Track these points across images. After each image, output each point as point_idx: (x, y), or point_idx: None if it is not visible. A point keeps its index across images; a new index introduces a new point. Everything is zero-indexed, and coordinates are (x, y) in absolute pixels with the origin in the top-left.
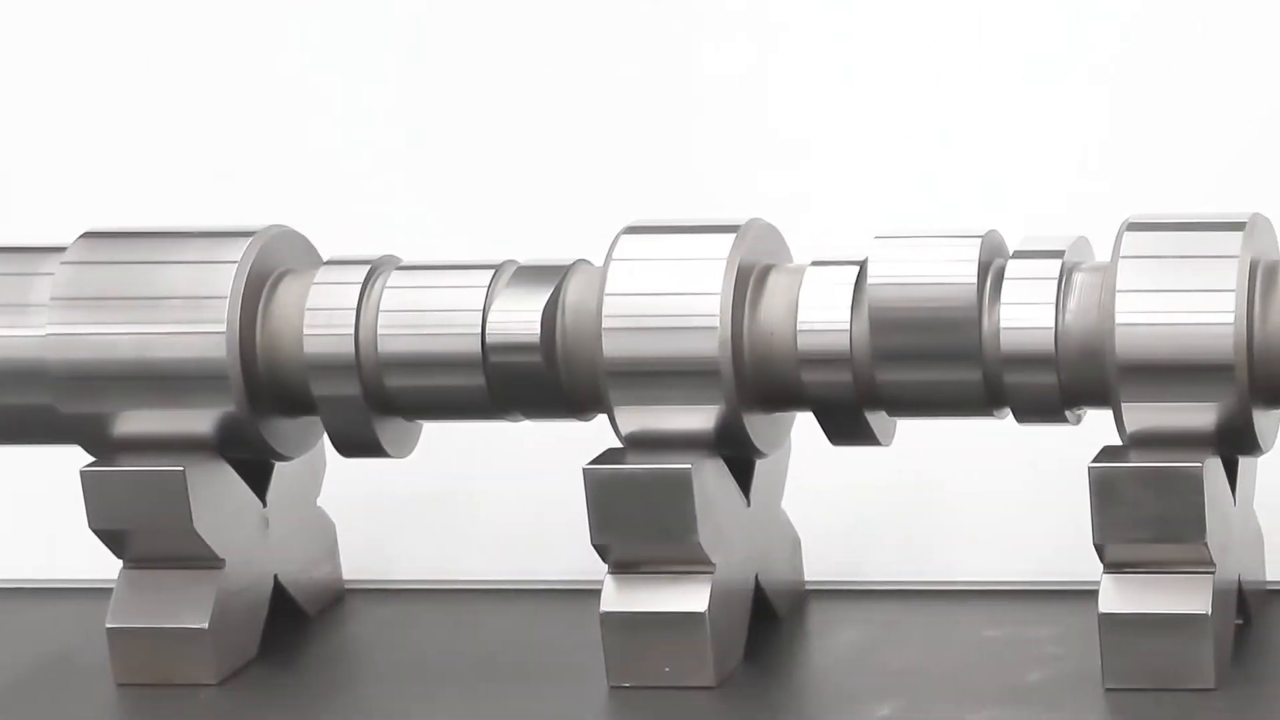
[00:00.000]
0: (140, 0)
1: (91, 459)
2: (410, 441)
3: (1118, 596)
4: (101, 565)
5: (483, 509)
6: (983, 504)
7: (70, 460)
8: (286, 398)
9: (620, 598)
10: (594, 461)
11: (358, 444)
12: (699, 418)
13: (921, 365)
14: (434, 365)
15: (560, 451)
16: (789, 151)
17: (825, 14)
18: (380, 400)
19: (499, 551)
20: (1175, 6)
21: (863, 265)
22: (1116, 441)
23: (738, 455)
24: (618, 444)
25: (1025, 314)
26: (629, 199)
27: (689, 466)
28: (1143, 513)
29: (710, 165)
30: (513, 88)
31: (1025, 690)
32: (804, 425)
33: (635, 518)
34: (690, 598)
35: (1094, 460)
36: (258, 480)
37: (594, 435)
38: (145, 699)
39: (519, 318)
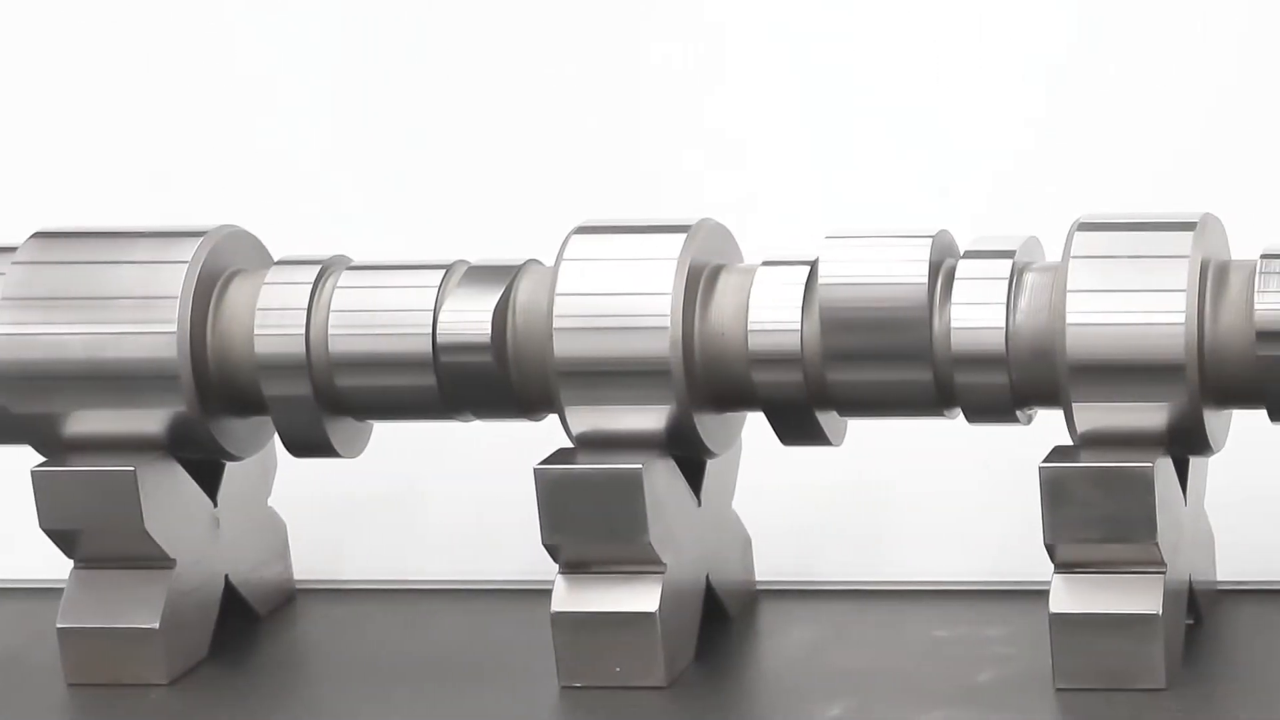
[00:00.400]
0: (89, 1)
1: (42, 459)
2: (361, 441)
3: (1068, 596)
4: (52, 565)
5: (433, 509)
6: (933, 504)
7: (21, 460)
8: (237, 398)
9: (571, 598)
10: (545, 461)
11: (308, 444)
12: (650, 418)
13: (872, 365)
14: (385, 365)
15: (511, 451)
16: (739, 151)
17: (774, 13)
18: (331, 400)
19: (450, 551)
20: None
21: (813, 265)
22: (1068, 441)
23: (689, 455)
24: (569, 444)
25: (976, 314)
26: (580, 199)
27: (640, 466)
28: (1094, 513)
29: (661, 165)
30: (462, 88)
31: (976, 690)
32: (755, 425)
33: (586, 518)
34: (641, 598)
35: (1045, 460)
36: (209, 480)
37: (545, 435)
38: (96, 699)
39: (470, 318)
